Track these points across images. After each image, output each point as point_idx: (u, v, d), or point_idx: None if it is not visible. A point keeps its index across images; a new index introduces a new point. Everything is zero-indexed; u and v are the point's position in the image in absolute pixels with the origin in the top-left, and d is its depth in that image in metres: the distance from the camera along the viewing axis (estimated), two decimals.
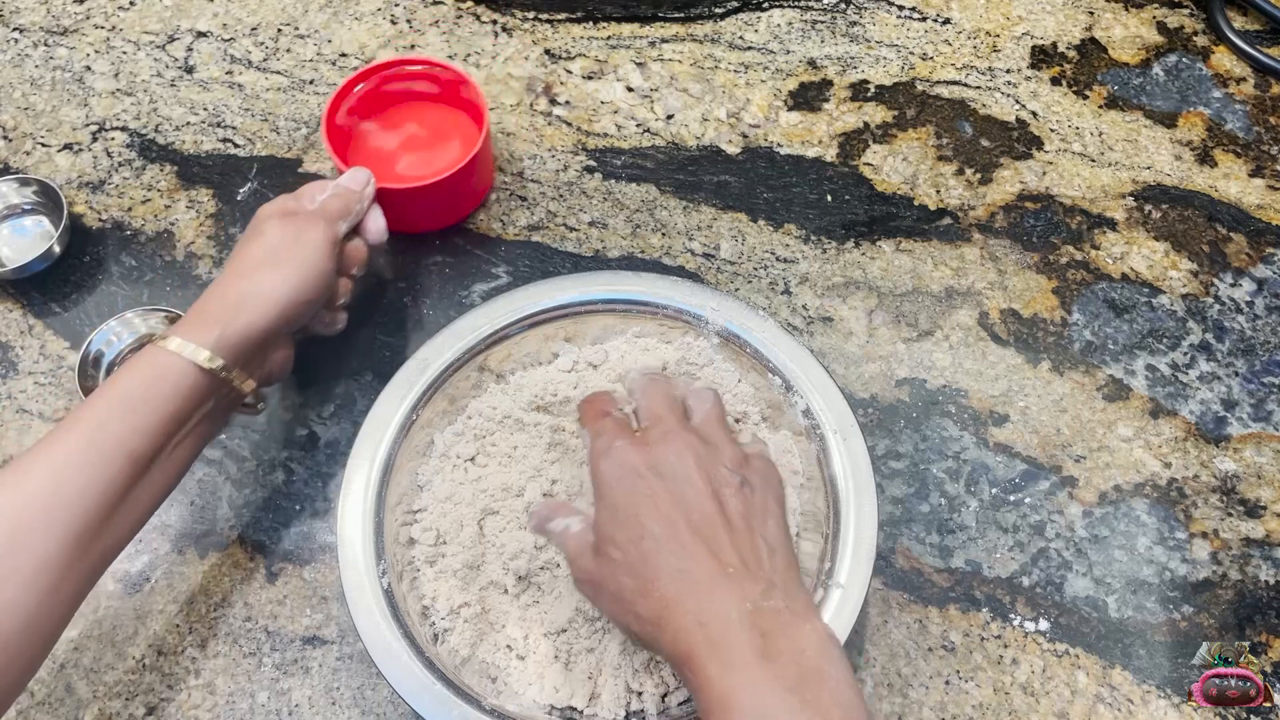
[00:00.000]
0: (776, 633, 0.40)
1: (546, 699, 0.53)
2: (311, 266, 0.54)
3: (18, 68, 0.80)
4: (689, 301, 0.61)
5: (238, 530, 0.62)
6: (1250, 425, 0.67)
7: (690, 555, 0.42)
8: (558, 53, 0.81)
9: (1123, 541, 0.63)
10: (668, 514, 0.43)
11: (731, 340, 0.60)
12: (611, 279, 0.62)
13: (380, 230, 0.62)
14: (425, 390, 0.58)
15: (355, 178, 0.61)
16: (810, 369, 0.59)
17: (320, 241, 0.55)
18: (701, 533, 0.43)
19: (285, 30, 0.82)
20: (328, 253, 0.55)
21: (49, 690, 0.58)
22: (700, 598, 0.41)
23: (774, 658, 0.39)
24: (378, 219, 0.62)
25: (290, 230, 0.55)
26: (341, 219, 0.58)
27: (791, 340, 0.60)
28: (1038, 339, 0.70)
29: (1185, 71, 0.82)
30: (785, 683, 0.38)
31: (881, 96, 0.80)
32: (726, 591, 0.41)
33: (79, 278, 0.71)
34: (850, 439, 0.56)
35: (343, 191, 0.60)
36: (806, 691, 0.38)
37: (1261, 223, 0.75)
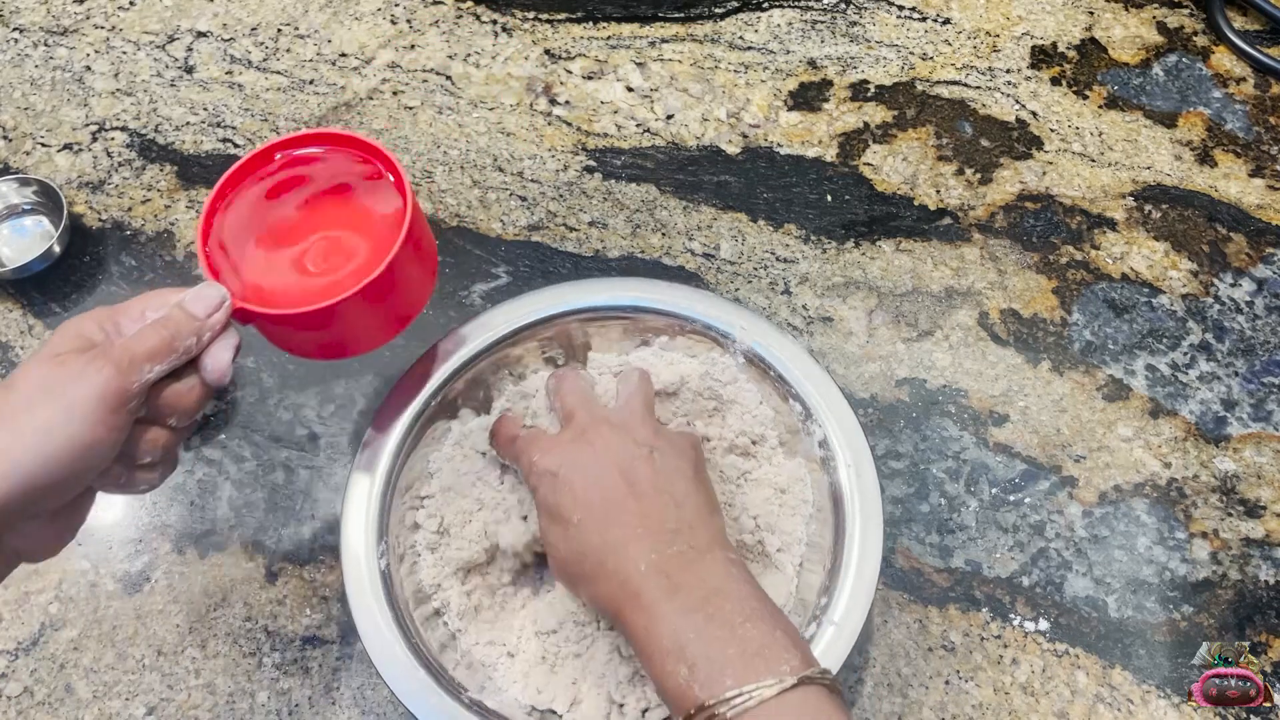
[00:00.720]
0: (679, 571, 0.45)
1: (528, 699, 0.54)
2: (63, 436, 0.39)
3: (18, 68, 0.80)
4: (718, 317, 0.60)
5: (238, 530, 0.62)
6: (1250, 425, 0.67)
7: (605, 529, 0.47)
8: (558, 53, 0.81)
9: (1123, 541, 0.63)
10: (585, 501, 0.48)
11: (756, 361, 0.59)
12: (643, 286, 0.61)
13: (222, 369, 0.45)
14: (450, 376, 0.58)
15: (202, 299, 0.45)
16: (832, 397, 0.57)
17: (88, 400, 0.40)
18: (611, 508, 0.48)
19: (285, 30, 0.82)
20: (100, 415, 0.40)
21: (49, 690, 0.58)
22: (616, 561, 0.46)
23: (678, 591, 0.44)
24: (222, 354, 0.45)
25: (50, 379, 0.40)
26: (153, 360, 0.42)
27: (816, 366, 0.58)
28: (1038, 339, 0.70)
29: (1185, 71, 0.82)
30: (690, 606, 0.43)
31: (881, 96, 0.80)
32: (636, 549, 0.46)
33: (79, 278, 0.71)
34: (863, 473, 0.55)
35: (171, 321, 0.44)
36: (710, 608, 0.43)
37: (1261, 223, 0.75)
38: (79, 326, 0.43)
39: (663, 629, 0.43)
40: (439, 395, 0.58)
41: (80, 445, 0.40)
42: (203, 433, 0.65)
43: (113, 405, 0.41)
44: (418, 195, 0.74)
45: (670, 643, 0.43)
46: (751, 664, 0.41)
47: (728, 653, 0.42)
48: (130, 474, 0.44)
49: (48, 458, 0.39)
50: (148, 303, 0.45)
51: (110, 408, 0.41)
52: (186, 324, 0.44)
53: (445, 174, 0.75)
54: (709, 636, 0.42)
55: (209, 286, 0.46)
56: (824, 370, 0.58)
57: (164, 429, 0.44)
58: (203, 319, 0.45)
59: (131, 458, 0.44)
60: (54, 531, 0.44)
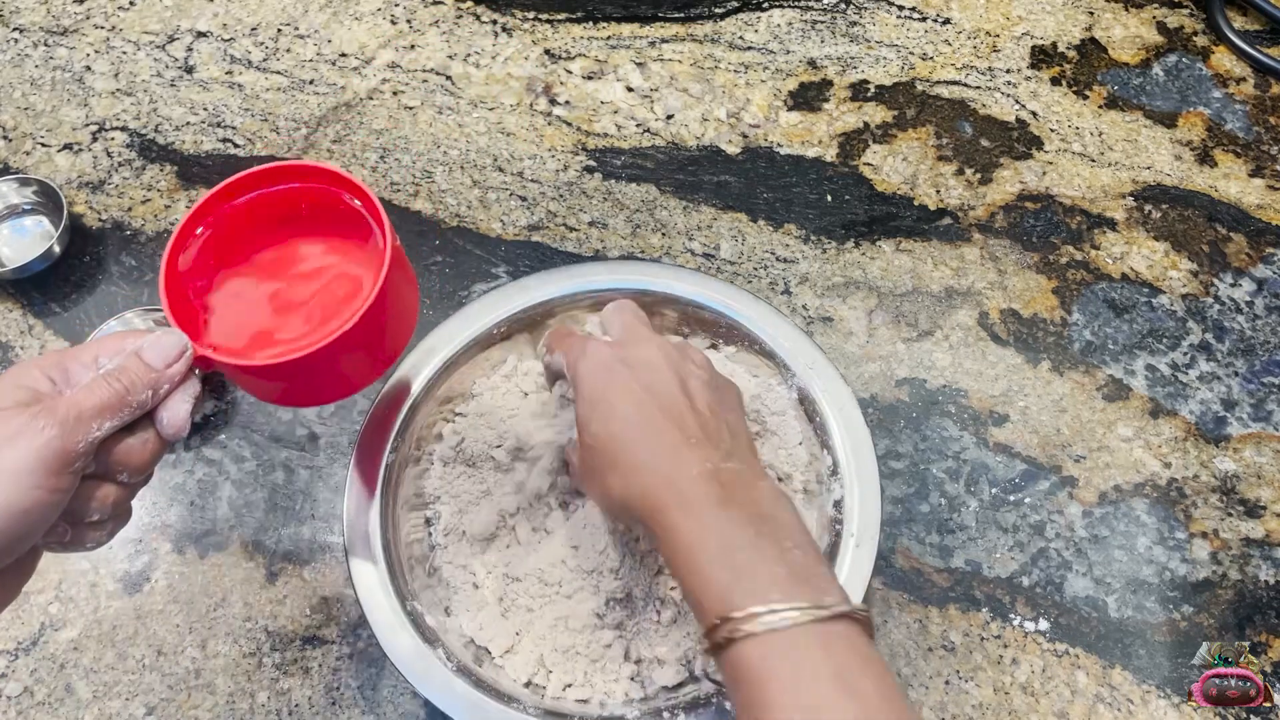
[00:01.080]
0: (734, 486, 0.44)
1: (470, 631, 0.55)
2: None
3: (18, 68, 0.80)
4: (786, 348, 0.59)
5: (238, 530, 0.62)
6: (1250, 425, 0.67)
7: (657, 428, 0.45)
8: (558, 53, 0.81)
9: (1123, 541, 0.63)
10: (637, 396, 0.46)
11: (808, 401, 0.58)
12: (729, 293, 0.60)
13: (180, 423, 0.42)
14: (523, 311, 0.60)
15: (160, 348, 0.42)
16: (865, 466, 0.56)
17: (27, 463, 0.37)
18: (667, 410, 0.46)
19: (285, 30, 0.82)
20: (38, 479, 0.37)
21: (49, 690, 0.58)
22: (665, 459, 0.44)
23: (731, 504, 0.43)
24: (180, 406, 0.42)
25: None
26: (102, 417, 0.39)
27: (863, 423, 0.57)
28: (1038, 339, 0.70)
29: (1185, 71, 0.82)
30: (743, 519, 0.43)
31: (881, 96, 0.80)
32: (689, 454, 0.44)
33: (79, 278, 0.71)
34: (864, 546, 0.54)
35: (125, 373, 0.40)
36: (763, 526, 0.42)
37: (1261, 223, 0.75)
38: (22, 376, 0.39)
39: (711, 533, 0.42)
40: (503, 326, 0.60)
41: (18, 511, 0.37)
42: (203, 433, 0.65)
43: (54, 468, 0.37)
44: (417, 195, 0.74)
45: (717, 548, 0.42)
46: (799, 585, 0.40)
47: (777, 569, 0.41)
48: (77, 531, 0.41)
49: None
50: (101, 349, 0.41)
51: (52, 470, 0.37)
52: (142, 376, 0.41)
53: (445, 174, 0.75)
54: (760, 549, 0.41)
55: (168, 334, 0.42)
56: (867, 428, 0.57)
57: (114, 485, 0.41)
58: (160, 370, 0.41)
59: (78, 515, 0.40)
60: None
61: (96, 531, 0.42)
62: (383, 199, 0.74)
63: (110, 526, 0.42)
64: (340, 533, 0.61)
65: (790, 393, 0.59)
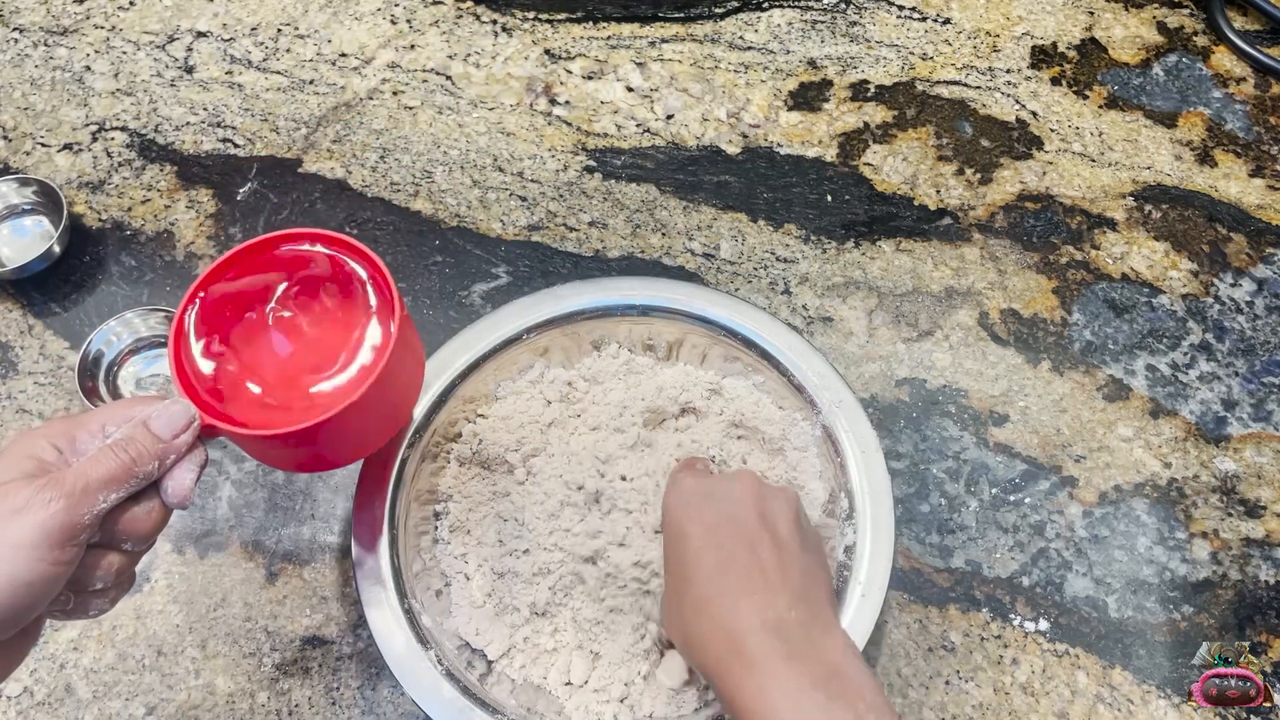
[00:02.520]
0: (799, 639, 0.42)
1: (465, 634, 0.55)
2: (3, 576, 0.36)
3: (18, 68, 0.80)
4: (814, 383, 0.58)
5: (237, 530, 0.62)
6: (1250, 425, 0.67)
7: (726, 567, 0.44)
8: (558, 53, 0.81)
9: (1123, 541, 0.63)
10: (711, 526, 0.45)
11: (831, 439, 0.58)
12: (763, 321, 0.60)
13: (185, 492, 0.42)
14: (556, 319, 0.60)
15: (168, 419, 0.41)
16: (882, 514, 0.55)
17: (32, 536, 0.36)
18: (741, 548, 0.44)
19: (285, 30, 0.82)
20: (43, 552, 0.37)
21: (49, 690, 0.58)
22: (729, 606, 0.42)
23: (797, 659, 0.41)
24: (186, 476, 0.42)
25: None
26: (109, 489, 0.39)
27: (885, 477, 0.56)
28: (1038, 339, 0.70)
29: (1185, 71, 0.82)
30: (811, 679, 0.40)
31: (881, 96, 0.80)
32: (752, 601, 0.42)
33: (79, 278, 0.71)
34: (870, 597, 0.53)
35: (133, 443, 0.40)
36: (832, 687, 0.40)
37: (1261, 223, 0.75)
38: (29, 446, 0.39)
39: (779, 696, 0.40)
40: (534, 331, 0.60)
41: (22, 584, 0.36)
42: None
43: (59, 541, 0.37)
44: (417, 195, 0.74)
45: (788, 712, 0.39)
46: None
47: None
48: (81, 600, 0.41)
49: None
50: (108, 416, 0.41)
51: (57, 543, 0.37)
52: (150, 446, 0.40)
53: (445, 174, 0.75)
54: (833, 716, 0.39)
55: (175, 403, 0.42)
56: (889, 475, 0.56)
57: (118, 553, 0.41)
58: (168, 441, 0.41)
59: (81, 584, 0.40)
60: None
61: (100, 599, 0.41)
62: (382, 199, 0.74)
63: (113, 594, 0.42)
64: (341, 532, 0.62)
65: (814, 429, 0.58)
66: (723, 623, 0.42)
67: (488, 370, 0.60)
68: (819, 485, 0.58)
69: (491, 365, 0.60)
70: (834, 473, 0.57)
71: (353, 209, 0.73)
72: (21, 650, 0.40)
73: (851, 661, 0.42)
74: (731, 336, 0.60)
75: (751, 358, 0.60)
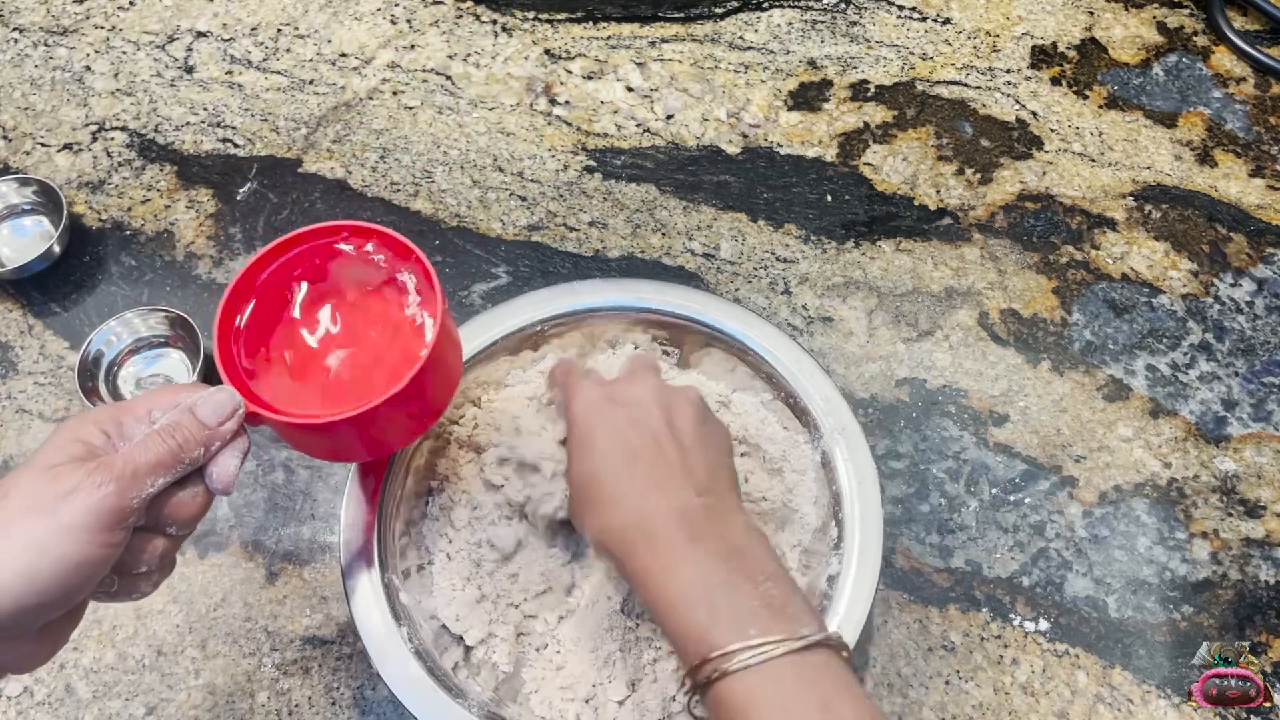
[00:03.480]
0: (704, 523, 0.45)
1: (444, 617, 0.55)
2: (54, 557, 0.37)
3: (18, 68, 0.80)
4: (820, 406, 0.58)
5: (238, 530, 0.62)
6: (1250, 425, 0.67)
7: (633, 467, 0.46)
8: (558, 53, 0.81)
9: (1123, 541, 0.63)
10: (620, 431, 0.47)
11: (829, 465, 0.57)
12: (777, 340, 0.59)
13: (229, 478, 0.43)
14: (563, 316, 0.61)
15: (214, 405, 0.42)
16: (870, 547, 0.54)
17: (83, 519, 0.37)
18: (648, 448, 0.47)
19: (285, 30, 0.82)
20: (94, 534, 0.38)
21: (49, 690, 0.58)
22: (639, 500, 0.45)
23: (701, 539, 0.44)
24: (230, 462, 0.43)
25: (42, 494, 0.37)
26: (156, 473, 0.40)
27: (878, 511, 0.55)
28: (1038, 339, 0.70)
29: (1185, 71, 0.82)
30: (713, 555, 0.43)
31: (881, 96, 0.80)
32: (661, 494, 0.45)
33: (79, 278, 0.71)
34: (845, 631, 0.52)
35: (180, 429, 0.41)
36: (734, 561, 0.43)
37: (1261, 223, 0.75)
38: (78, 430, 0.40)
39: (684, 571, 0.43)
40: (549, 325, 0.60)
41: (72, 565, 0.37)
42: None
43: (109, 523, 0.38)
44: (417, 195, 0.74)
45: (691, 585, 0.42)
46: (775, 618, 0.41)
47: (751, 604, 0.41)
48: (125, 582, 0.42)
49: (37, 579, 0.37)
50: (155, 402, 0.42)
51: (106, 526, 0.38)
52: (196, 432, 0.41)
53: (445, 174, 0.75)
54: (733, 586, 0.42)
55: (221, 391, 0.43)
56: (882, 509, 0.55)
57: (163, 537, 0.42)
58: (214, 428, 0.42)
59: (126, 566, 0.41)
60: (41, 646, 0.40)
61: (143, 582, 0.42)
62: (382, 199, 0.74)
63: (156, 577, 0.43)
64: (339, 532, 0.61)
65: (815, 454, 0.58)
66: (634, 513, 0.45)
67: (500, 359, 0.60)
68: (813, 511, 0.58)
69: (503, 354, 0.60)
70: (829, 500, 0.57)
71: (353, 209, 0.73)
72: (65, 632, 0.41)
73: (753, 540, 0.45)
74: (744, 351, 0.60)
75: (762, 375, 0.60)
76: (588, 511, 0.47)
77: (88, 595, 0.40)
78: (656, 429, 0.47)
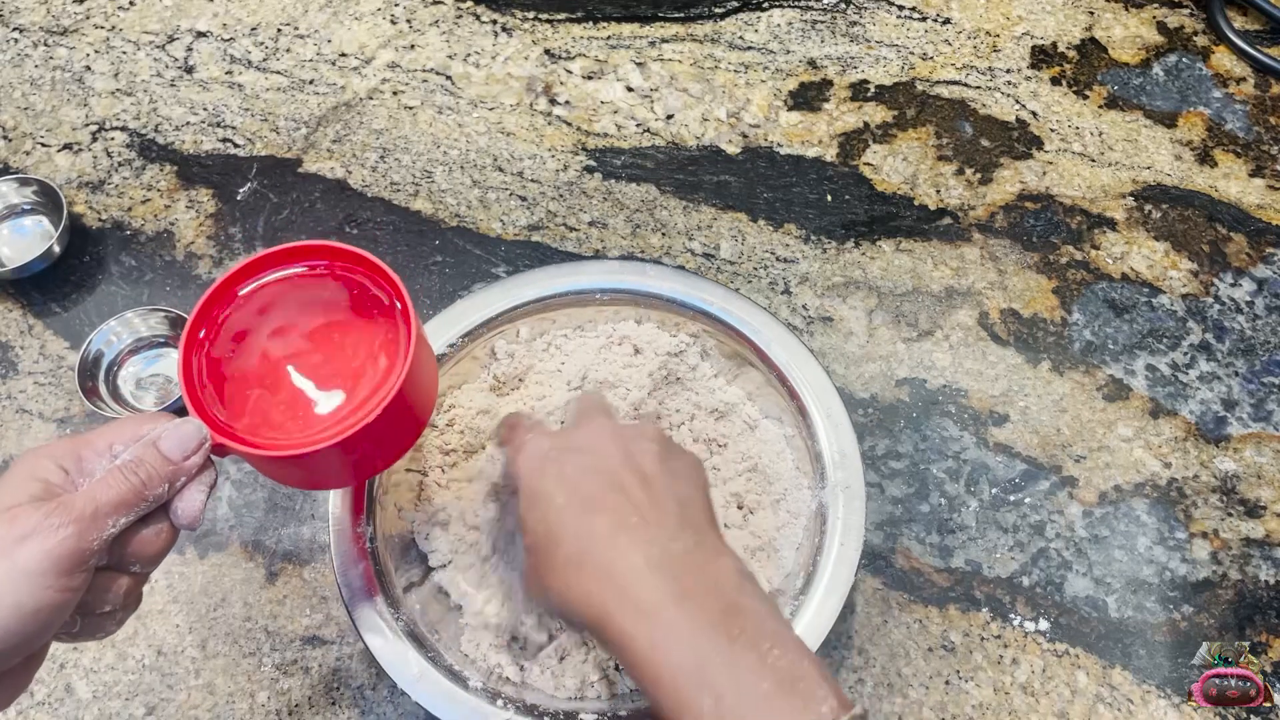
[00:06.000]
0: (688, 574, 0.39)
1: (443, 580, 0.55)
2: (10, 604, 0.35)
3: (18, 68, 0.80)
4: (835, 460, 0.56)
5: (238, 530, 0.62)
6: (1250, 425, 0.67)
7: (592, 515, 0.41)
8: (558, 53, 0.81)
9: (1123, 541, 0.63)
10: (574, 480, 0.42)
11: (821, 519, 0.55)
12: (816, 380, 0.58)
13: (195, 513, 0.40)
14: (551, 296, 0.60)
15: (179, 439, 0.40)
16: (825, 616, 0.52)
17: (40, 564, 0.35)
18: (608, 493, 0.41)
19: (285, 30, 0.82)
20: (52, 579, 0.36)
21: (49, 690, 0.58)
22: (604, 552, 0.40)
23: (690, 599, 0.38)
24: (196, 496, 0.40)
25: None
26: (119, 513, 0.38)
27: (848, 578, 0.53)
28: (1038, 339, 0.70)
29: (1185, 71, 0.82)
30: (707, 620, 0.37)
31: (881, 96, 0.80)
32: (630, 541, 0.40)
33: (79, 278, 0.71)
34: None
35: (143, 465, 0.39)
36: (733, 625, 0.37)
37: (1261, 222, 0.75)
38: (35, 467, 0.38)
39: (675, 643, 0.37)
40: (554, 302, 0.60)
41: (29, 612, 0.35)
42: None
43: (68, 567, 0.36)
44: (417, 195, 0.74)
45: (687, 661, 0.37)
46: (789, 701, 0.36)
47: (761, 686, 0.36)
48: (88, 623, 0.40)
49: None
50: (116, 435, 0.40)
51: (65, 570, 0.36)
52: (160, 468, 0.39)
53: (445, 174, 0.75)
54: (736, 661, 0.36)
55: (186, 423, 0.40)
56: (850, 579, 0.53)
57: (126, 575, 0.40)
58: (178, 463, 0.39)
59: (89, 607, 0.39)
60: (2, 690, 0.38)
61: (108, 621, 0.40)
62: (382, 199, 0.74)
63: (120, 615, 0.41)
64: None
65: (813, 501, 0.57)
66: (600, 569, 0.39)
67: (559, 314, 0.61)
68: (791, 556, 0.57)
69: (565, 310, 0.60)
70: (810, 551, 0.55)
71: (353, 209, 0.73)
72: (26, 676, 0.39)
73: (748, 591, 0.39)
74: (787, 378, 0.58)
75: (794, 407, 0.58)
76: (546, 574, 0.41)
77: (49, 639, 0.38)
78: (615, 470, 0.42)
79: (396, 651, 0.50)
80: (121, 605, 0.40)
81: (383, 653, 0.50)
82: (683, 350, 0.61)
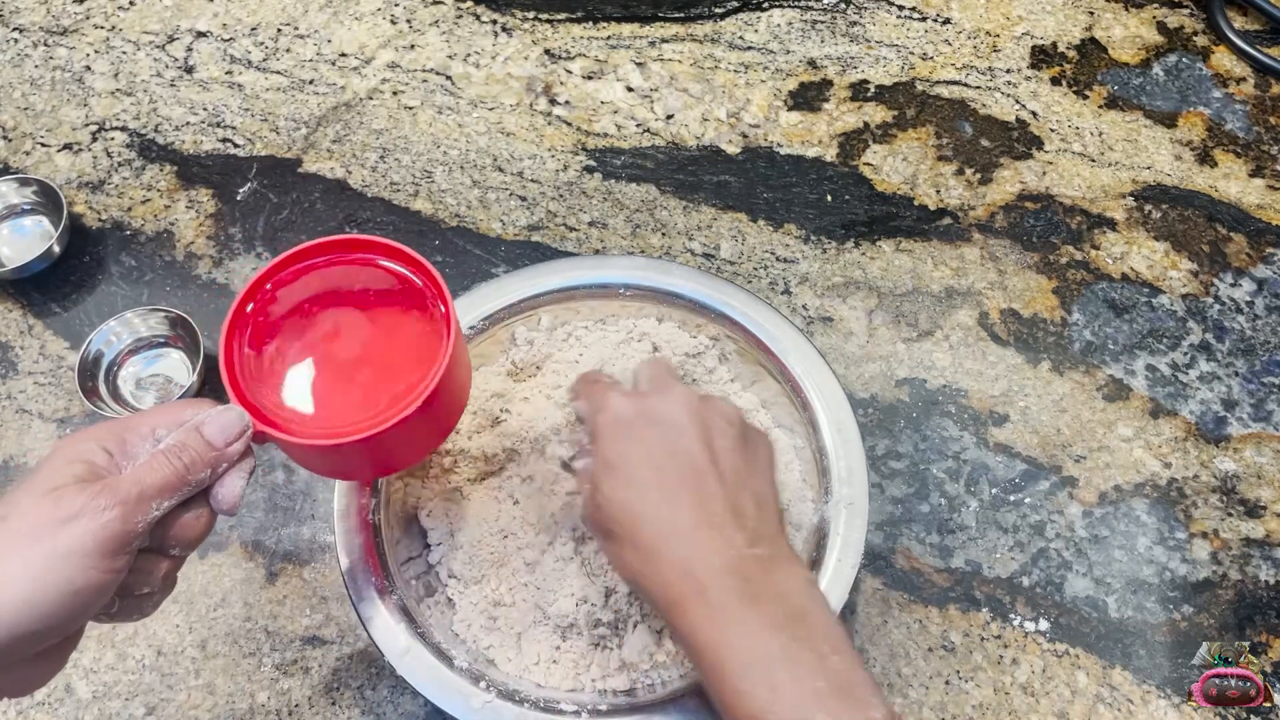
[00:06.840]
0: (760, 578, 0.41)
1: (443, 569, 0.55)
2: (55, 583, 0.35)
3: (18, 68, 0.80)
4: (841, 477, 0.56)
5: (238, 530, 0.62)
6: (1250, 425, 0.67)
7: (676, 504, 0.43)
8: (558, 53, 0.81)
9: (1123, 541, 0.63)
10: (658, 462, 0.44)
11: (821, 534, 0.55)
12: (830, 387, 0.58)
13: (235, 499, 0.41)
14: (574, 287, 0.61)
15: (221, 425, 0.41)
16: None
17: (85, 545, 0.36)
18: (689, 482, 0.43)
19: (285, 30, 0.82)
20: (96, 560, 0.36)
21: (49, 690, 0.58)
22: (684, 547, 0.42)
23: (759, 601, 0.40)
24: (236, 482, 0.41)
25: (43, 518, 0.36)
26: (162, 496, 0.38)
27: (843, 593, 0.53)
28: (1038, 339, 0.70)
29: (1185, 71, 0.82)
30: (774, 622, 0.40)
31: (881, 96, 0.80)
32: (710, 540, 0.42)
33: (79, 278, 0.71)
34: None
35: (186, 450, 0.40)
36: (797, 629, 0.40)
37: (1261, 223, 0.75)
38: (80, 449, 0.38)
39: (740, 638, 0.39)
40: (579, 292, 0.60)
41: (72, 592, 0.36)
42: None
43: (113, 549, 0.37)
44: (417, 195, 0.74)
45: (750, 656, 0.39)
46: (843, 702, 0.38)
47: (817, 684, 0.38)
48: (126, 604, 0.40)
49: (37, 606, 0.35)
50: (159, 419, 0.40)
51: (110, 551, 0.36)
52: (203, 453, 0.40)
53: (445, 174, 0.75)
54: (795, 660, 0.39)
55: (229, 410, 0.42)
56: (844, 595, 0.53)
57: (165, 558, 0.41)
58: (221, 448, 0.40)
59: (128, 588, 0.40)
60: (37, 670, 0.39)
61: (145, 603, 0.41)
62: (382, 199, 0.74)
63: (158, 598, 0.42)
64: None
65: (815, 515, 0.56)
66: (680, 563, 0.42)
67: (582, 305, 0.60)
68: None
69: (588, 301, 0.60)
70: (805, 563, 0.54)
71: (353, 209, 0.73)
72: (63, 655, 0.40)
73: (814, 602, 0.42)
74: (802, 387, 0.58)
75: (806, 418, 0.58)
76: (624, 549, 0.43)
77: (88, 620, 0.39)
78: (696, 456, 0.43)
79: (387, 624, 0.51)
80: (159, 588, 0.41)
81: (374, 624, 0.50)
82: (701, 352, 0.61)
